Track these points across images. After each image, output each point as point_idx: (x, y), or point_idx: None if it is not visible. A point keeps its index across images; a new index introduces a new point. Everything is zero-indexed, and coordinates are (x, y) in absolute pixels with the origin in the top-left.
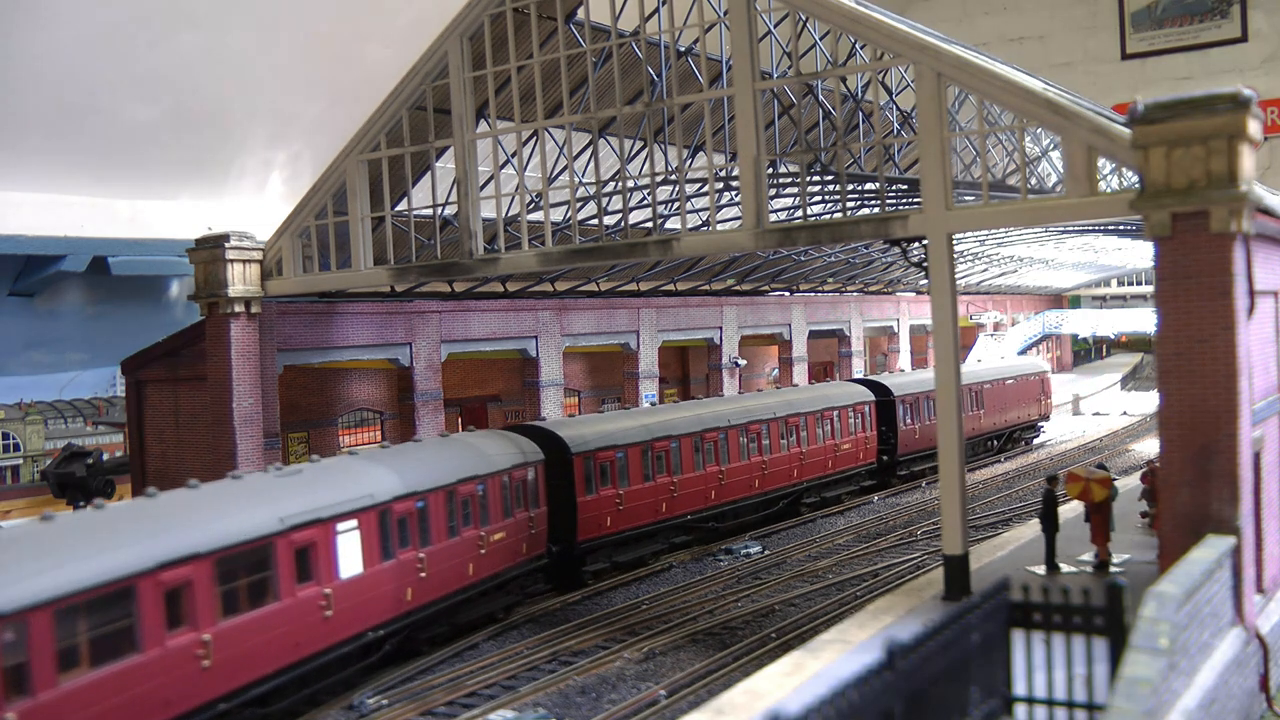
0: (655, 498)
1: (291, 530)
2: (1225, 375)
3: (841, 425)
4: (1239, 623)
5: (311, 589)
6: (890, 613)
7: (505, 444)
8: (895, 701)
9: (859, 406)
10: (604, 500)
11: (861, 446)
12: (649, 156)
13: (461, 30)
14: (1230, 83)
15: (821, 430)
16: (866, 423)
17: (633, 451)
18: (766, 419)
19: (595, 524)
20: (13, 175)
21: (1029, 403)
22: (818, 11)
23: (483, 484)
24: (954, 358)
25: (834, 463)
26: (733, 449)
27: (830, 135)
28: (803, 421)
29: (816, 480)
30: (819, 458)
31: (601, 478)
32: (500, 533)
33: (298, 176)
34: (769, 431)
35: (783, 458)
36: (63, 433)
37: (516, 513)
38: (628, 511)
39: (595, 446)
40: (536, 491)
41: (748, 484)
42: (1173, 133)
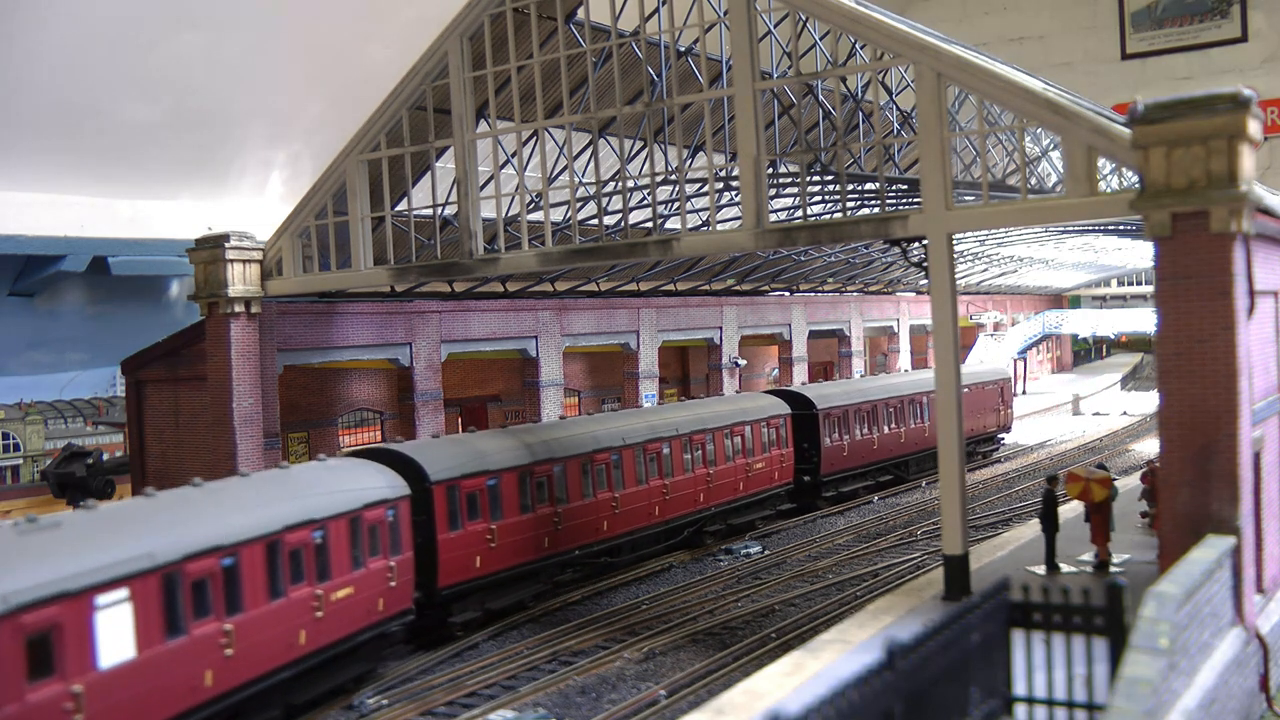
0: (536, 531)
1: (22, 611)
2: (1225, 375)
3: (754, 442)
4: (1239, 623)
5: (51, 688)
6: (890, 613)
7: (360, 475)
8: (895, 701)
9: (774, 421)
10: (472, 537)
11: (777, 465)
12: (649, 156)
13: (461, 30)
14: (1230, 83)
15: (731, 448)
16: (783, 438)
17: (508, 478)
18: (669, 436)
19: (461, 566)
20: (13, 175)
21: (985, 413)
22: (818, 11)
23: (322, 529)
24: (954, 358)
25: (746, 484)
26: (629, 472)
27: (830, 135)
28: (710, 439)
29: (726, 505)
30: (728, 479)
31: (470, 511)
32: (347, 588)
33: (298, 176)
34: (672, 451)
35: (687, 480)
36: (63, 433)
37: (371, 561)
38: (502, 549)
39: (461, 473)
40: (398, 533)
41: (646, 511)
42: (1173, 133)
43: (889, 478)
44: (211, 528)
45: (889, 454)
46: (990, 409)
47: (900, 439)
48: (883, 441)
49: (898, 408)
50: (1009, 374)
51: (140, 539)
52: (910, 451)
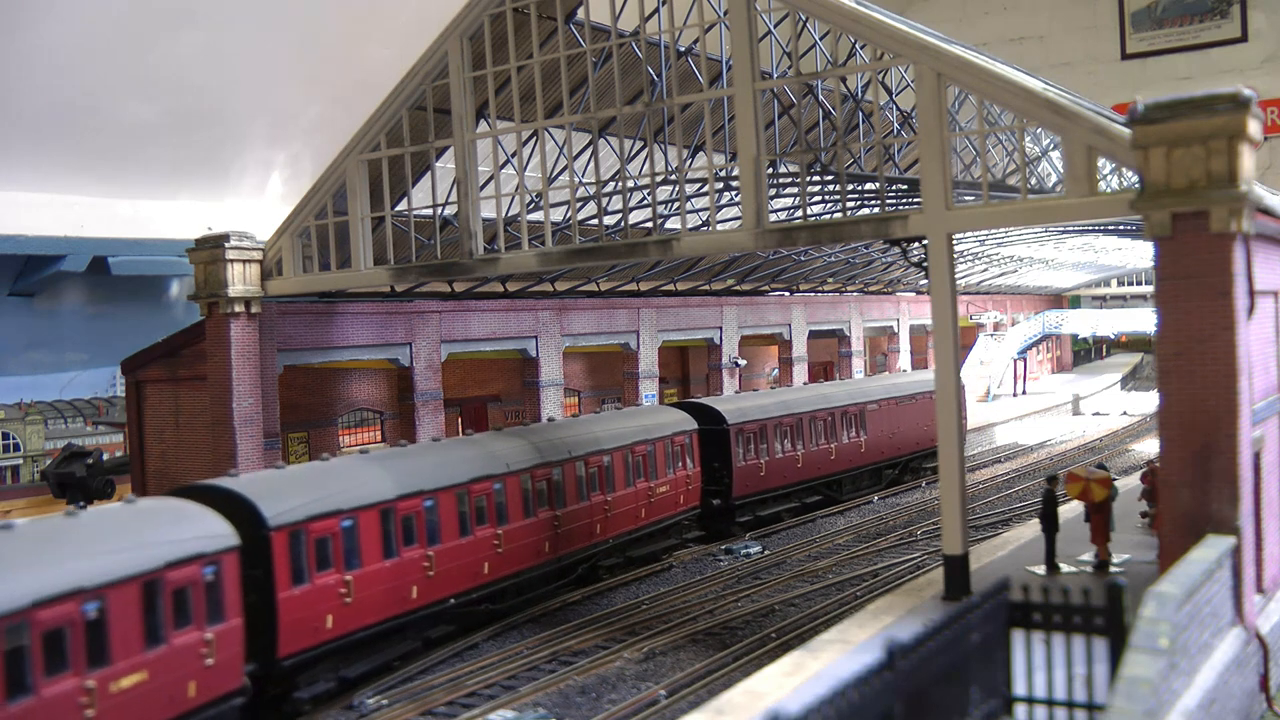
0: (402, 580)
1: None
2: (1225, 375)
3: (657, 462)
4: (1239, 623)
5: None
6: (890, 613)
7: (170, 523)
8: (895, 701)
9: (678, 438)
10: (321, 593)
11: (682, 488)
12: (649, 156)
13: (461, 30)
14: (1230, 83)
15: (631, 470)
16: (689, 457)
17: (367, 519)
18: (560, 460)
19: (307, 629)
20: (13, 175)
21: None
22: (818, 11)
23: (98, 599)
24: (954, 358)
25: (648, 511)
26: (513, 504)
27: (830, 135)
28: (608, 461)
29: (626, 536)
30: (628, 506)
31: (319, 560)
32: (136, 674)
33: (298, 176)
34: (564, 476)
35: (582, 510)
36: (63, 433)
37: (177, 635)
38: (360, 604)
39: (308, 515)
40: (220, 595)
41: (535, 548)
42: (1173, 133)
43: (817, 499)
44: None
45: (817, 472)
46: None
47: (830, 456)
48: (809, 459)
49: (828, 421)
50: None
51: None
52: (843, 469)
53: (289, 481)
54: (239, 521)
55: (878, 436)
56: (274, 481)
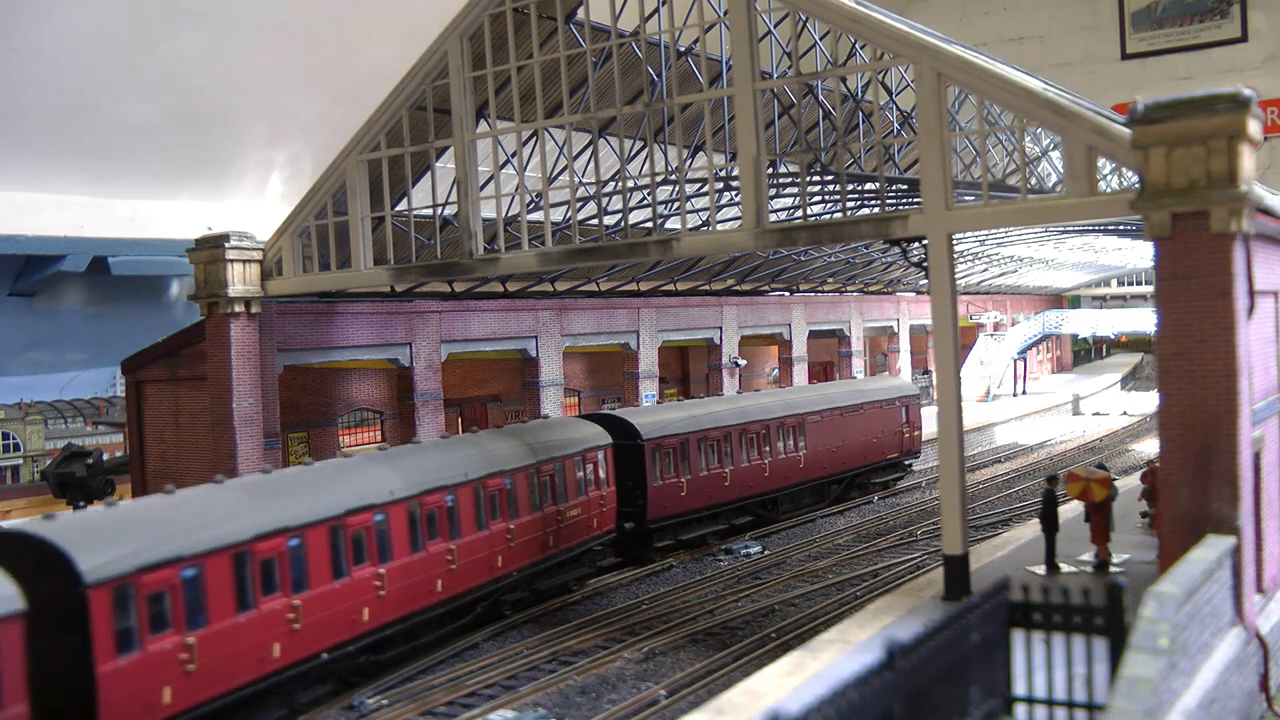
0: (261, 636)
1: None
2: (1225, 375)
3: (567, 483)
4: (1239, 623)
5: None
6: (890, 613)
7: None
8: (895, 701)
9: (591, 455)
10: (156, 661)
11: (596, 511)
12: (649, 156)
13: (461, 30)
14: (1230, 83)
15: (538, 493)
16: (603, 477)
17: (216, 565)
18: (454, 484)
19: (140, 707)
20: (13, 175)
21: (884, 436)
22: (818, 11)
23: None
24: (954, 357)
25: (558, 538)
26: (398, 537)
27: (830, 135)
28: (510, 484)
29: (532, 567)
30: (535, 534)
31: (153, 620)
32: None
33: (298, 176)
34: (459, 503)
35: (481, 541)
36: (63, 433)
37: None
38: (206, 671)
39: (141, 565)
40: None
41: (425, 588)
42: (1173, 133)
43: (748, 519)
44: None
45: (748, 491)
46: (890, 431)
47: (764, 472)
48: (738, 476)
49: (761, 434)
50: (914, 390)
51: None
52: (778, 487)
53: (119, 522)
54: (41, 577)
55: (820, 450)
56: (98, 524)
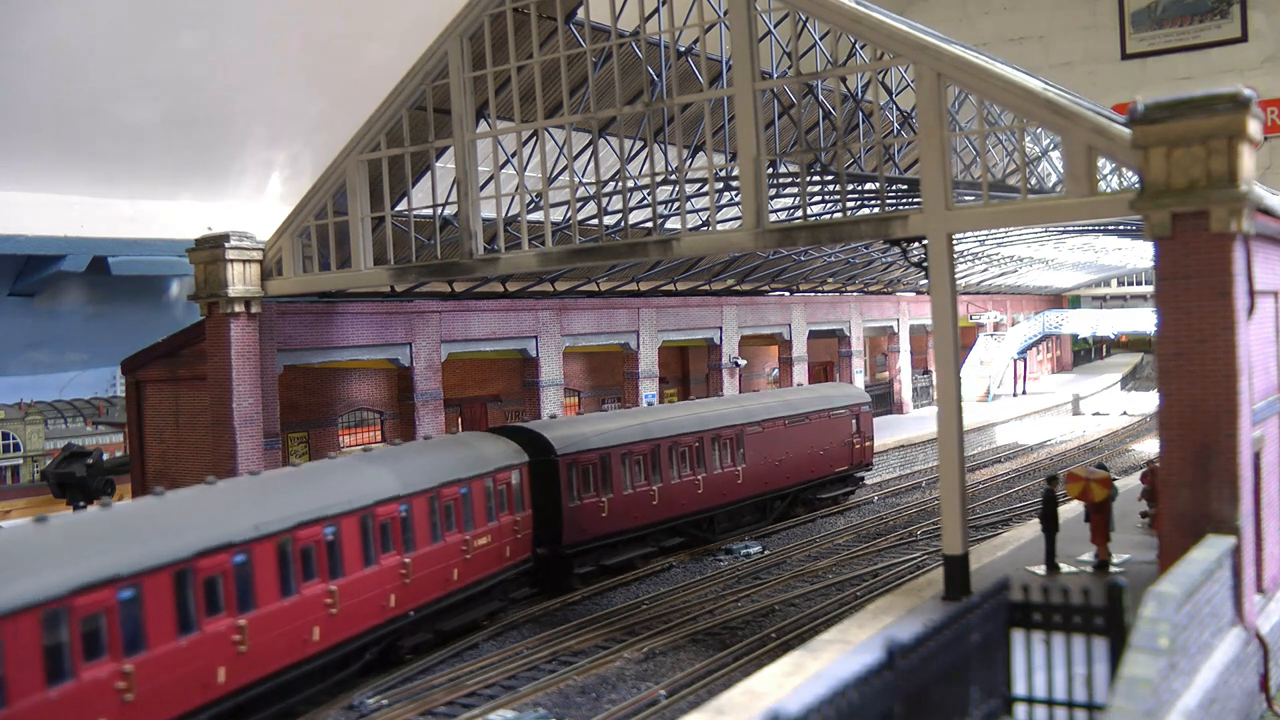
0: (92, 705)
1: None
2: (1225, 375)
3: (475, 507)
4: (1239, 623)
5: None
6: (890, 613)
7: None
8: (895, 701)
9: (503, 475)
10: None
11: (509, 537)
12: (649, 156)
13: (461, 30)
14: (1230, 83)
15: (440, 520)
16: (518, 498)
17: (18, 629)
18: (335, 514)
19: None
20: (13, 175)
21: (832, 447)
22: (818, 11)
23: None
24: (954, 357)
25: (463, 571)
26: (263, 582)
27: (830, 135)
28: (405, 511)
29: (434, 605)
30: (436, 568)
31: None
32: None
33: (298, 176)
34: (340, 537)
35: (369, 579)
36: (63, 433)
37: None
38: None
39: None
40: None
41: (298, 637)
42: (1173, 133)
43: (679, 540)
44: None
45: (679, 509)
46: (839, 442)
47: (697, 489)
48: (668, 494)
49: (694, 447)
50: (865, 398)
51: None
52: (714, 505)
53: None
54: None
55: (760, 464)
56: None
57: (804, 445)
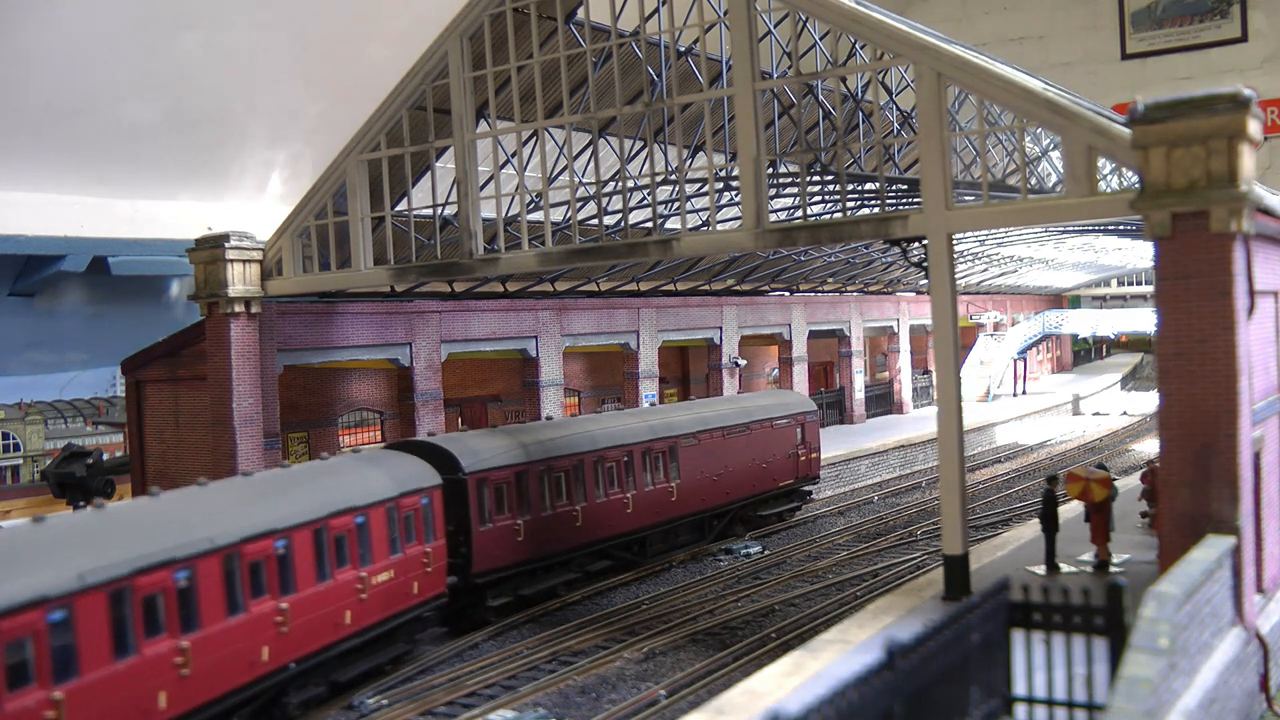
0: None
1: None
2: (1225, 375)
3: (373, 539)
4: (1239, 623)
5: None
6: (890, 613)
7: None
8: (895, 701)
9: (409, 500)
10: None
11: (418, 571)
12: (649, 156)
13: (461, 30)
14: (1230, 83)
15: (330, 556)
16: (427, 526)
17: None
18: (189, 555)
19: None
20: (13, 175)
21: (775, 460)
22: (818, 11)
23: None
24: (954, 357)
25: (358, 614)
26: (90, 644)
27: (830, 135)
28: (283, 547)
29: (321, 655)
30: (322, 611)
31: None
32: None
33: (298, 176)
34: (196, 582)
35: (234, 630)
36: (63, 433)
37: None
38: None
39: None
40: None
41: (138, 707)
42: (1173, 133)
43: (605, 564)
44: None
45: (606, 531)
46: (782, 455)
47: (625, 508)
48: (593, 514)
49: (622, 462)
50: (810, 406)
51: None
52: (645, 525)
53: None
54: None
55: (696, 479)
56: None
57: (744, 458)
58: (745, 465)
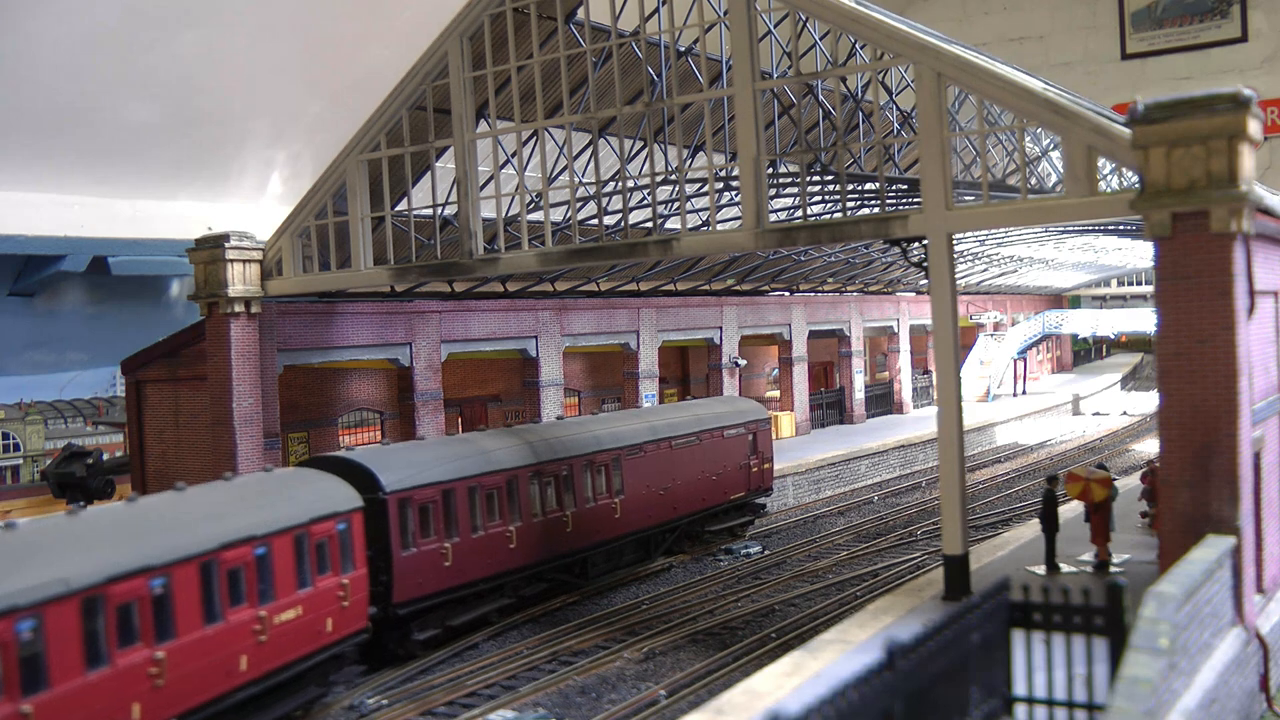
0: None
1: None
2: (1225, 375)
3: (276, 572)
4: (1239, 623)
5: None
6: (890, 613)
7: None
8: (895, 701)
9: (323, 525)
10: None
11: (331, 606)
12: (649, 156)
13: (461, 30)
14: (1230, 83)
15: (220, 594)
16: (344, 554)
17: None
18: (34, 603)
19: None
20: (13, 175)
21: (727, 471)
22: (818, 11)
23: None
24: (954, 357)
25: (256, 658)
26: None
27: (830, 135)
28: (161, 586)
29: (209, 708)
30: (213, 658)
31: None
32: None
33: (298, 176)
34: (42, 634)
35: (91, 688)
36: (63, 433)
37: None
38: None
39: None
40: None
41: None
42: (1173, 133)
43: (543, 587)
44: None
45: (543, 552)
46: (734, 466)
47: (565, 527)
48: (529, 534)
49: (560, 477)
50: (763, 414)
51: None
52: (586, 544)
53: None
54: None
55: (641, 494)
56: None
57: (693, 470)
58: (694, 478)
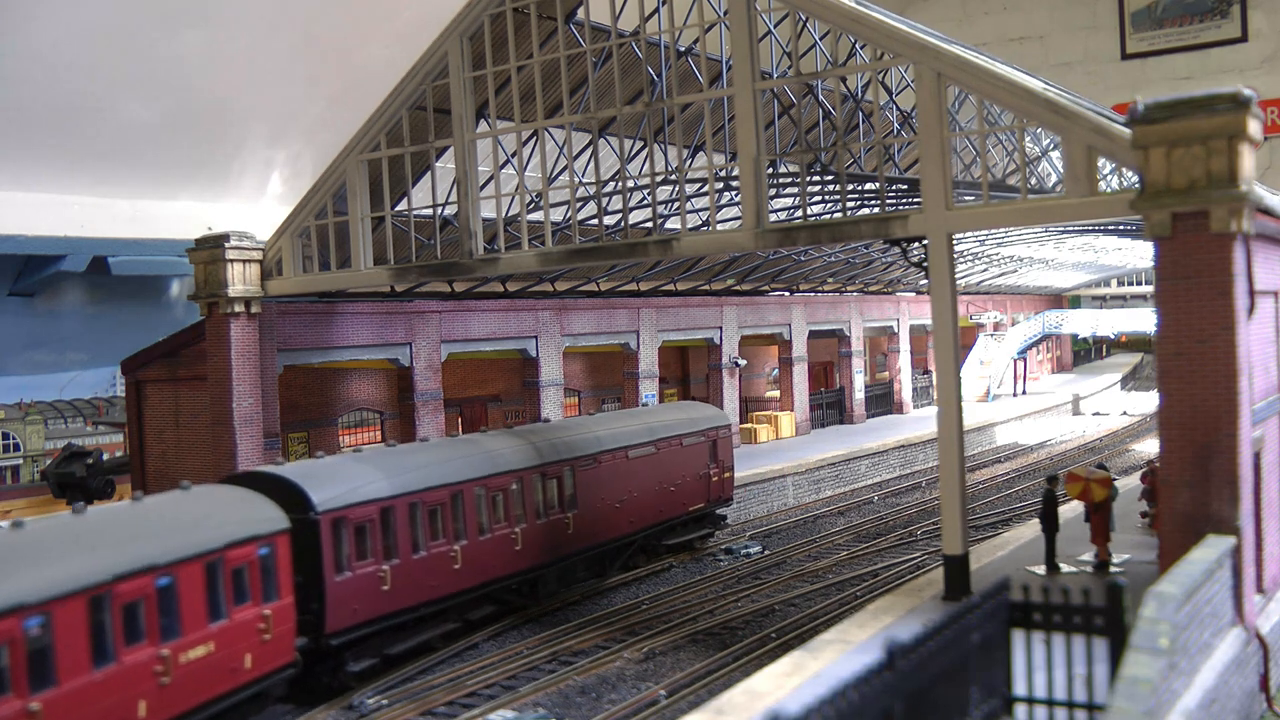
0: None
1: None
2: (1225, 375)
3: (185, 605)
4: (1239, 623)
5: None
6: (890, 613)
7: None
8: (895, 701)
9: (241, 550)
10: None
11: (251, 640)
12: (649, 156)
13: (461, 30)
14: (1230, 83)
15: (114, 632)
16: (267, 582)
17: None
18: None
19: None
20: (13, 175)
21: (685, 481)
22: (818, 11)
23: None
24: (954, 357)
25: (156, 703)
26: None
27: (830, 135)
28: (39, 627)
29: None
30: (104, 704)
31: None
32: None
33: (298, 176)
34: None
35: None
36: (63, 433)
37: None
38: None
39: None
40: None
41: None
42: (1173, 133)
43: (491, 609)
44: None
45: (491, 573)
46: (693, 475)
47: (513, 545)
48: (474, 554)
49: (508, 491)
50: (727, 421)
51: None
52: (536, 563)
53: None
54: None
55: (595, 508)
56: None
57: (650, 481)
58: (651, 489)
